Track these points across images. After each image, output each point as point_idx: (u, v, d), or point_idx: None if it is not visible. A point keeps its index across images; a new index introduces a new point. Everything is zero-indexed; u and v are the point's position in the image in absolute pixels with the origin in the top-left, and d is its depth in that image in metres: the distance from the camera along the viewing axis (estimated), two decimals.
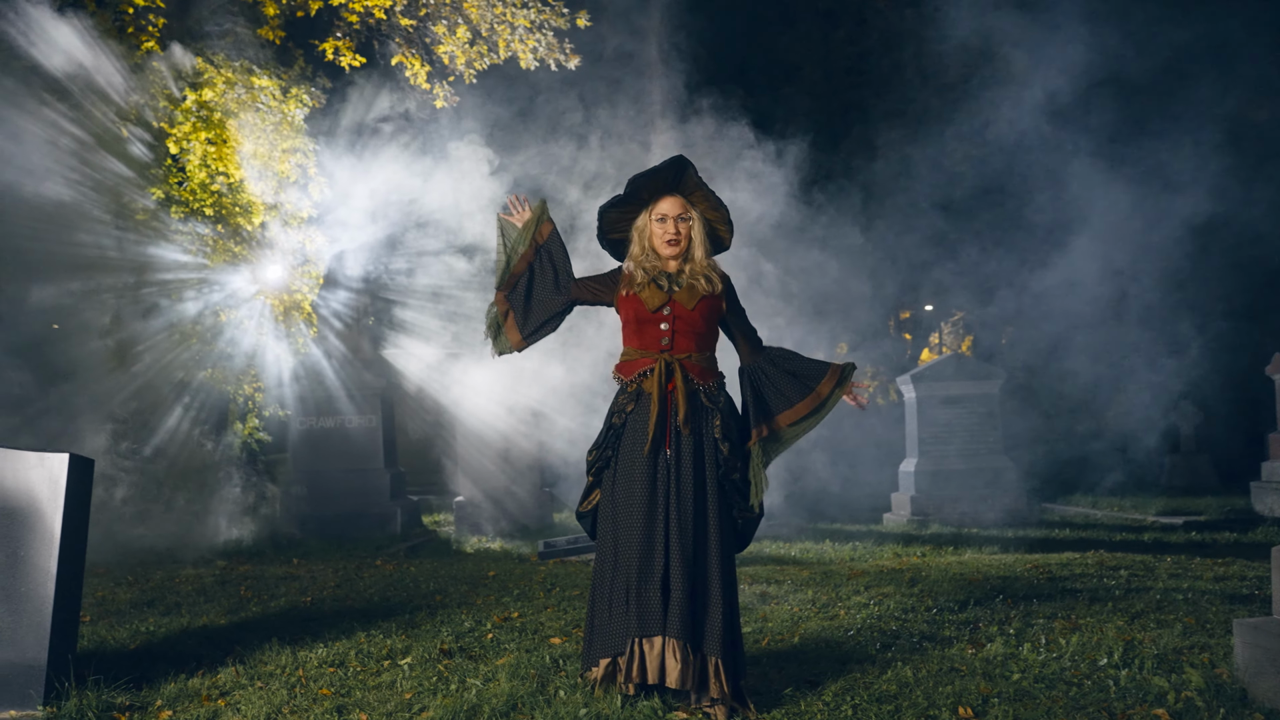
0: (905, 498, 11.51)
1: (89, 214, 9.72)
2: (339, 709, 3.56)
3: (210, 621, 5.32)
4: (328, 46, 11.68)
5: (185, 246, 10.39)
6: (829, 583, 6.71)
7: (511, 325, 3.93)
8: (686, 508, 3.61)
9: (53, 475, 3.52)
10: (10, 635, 3.42)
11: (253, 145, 10.92)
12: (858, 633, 5.03)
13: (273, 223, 11.20)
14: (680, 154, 3.79)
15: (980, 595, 6.08)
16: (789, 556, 8.85)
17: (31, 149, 9.28)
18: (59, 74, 9.39)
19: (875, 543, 9.44)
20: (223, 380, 10.39)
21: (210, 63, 10.80)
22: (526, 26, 12.46)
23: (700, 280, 3.78)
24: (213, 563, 7.83)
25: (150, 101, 10.47)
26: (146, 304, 10.12)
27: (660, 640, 3.52)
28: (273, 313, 11.04)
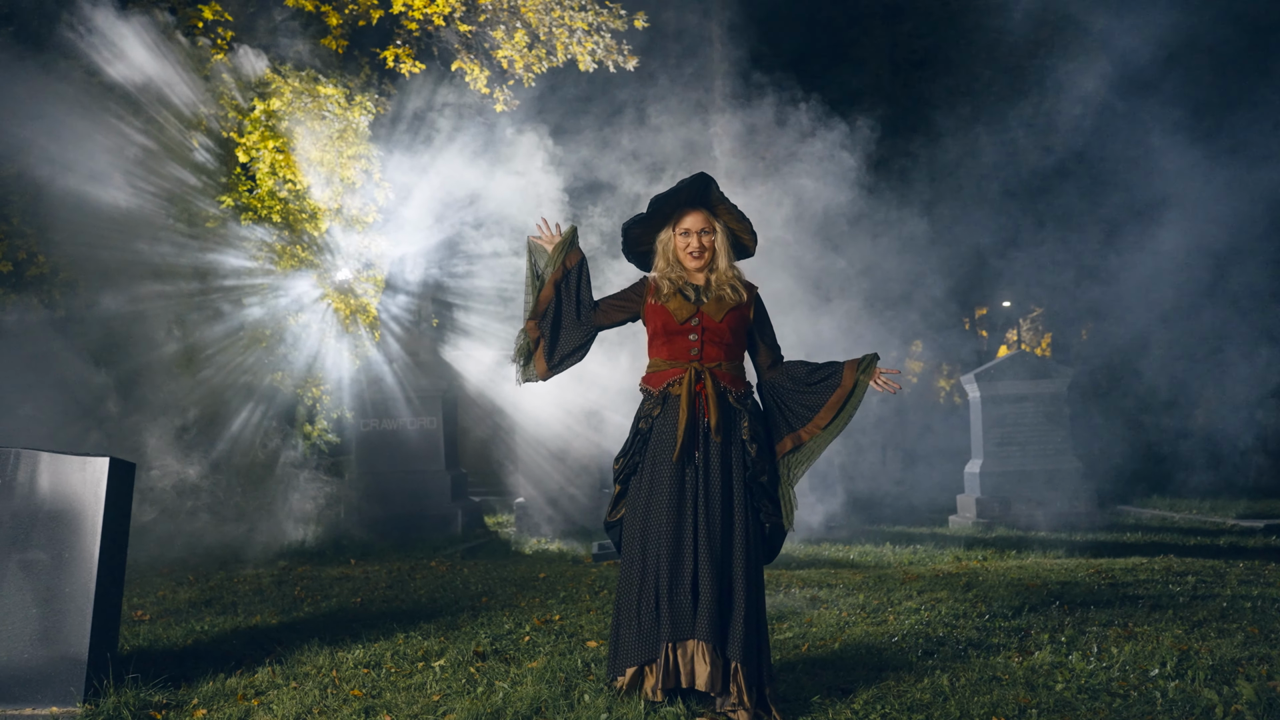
0: (970, 500, 11.26)
1: (157, 221, 10.04)
2: (367, 710, 3.61)
3: (262, 621, 5.45)
4: (388, 54, 11.88)
5: (252, 253, 10.67)
6: (882, 587, 6.59)
7: (540, 354, 3.90)
8: (715, 511, 3.59)
9: (95, 478, 3.64)
10: (54, 634, 3.54)
11: (319, 152, 11.16)
12: (902, 639, 4.92)
13: (337, 228, 11.44)
14: (703, 172, 3.77)
15: (1036, 601, 5.91)
16: (846, 560, 8.73)
17: (101, 157, 9.63)
18: (128, 85, 9.73)
19: (936, 546, 9.25)
20: (290, 384, 10.65)
21: (277, 72, 11.06)
22: (584, 29, 12.52)
23: (727, 290, 3.76)
24: (275, 563, 8.02)
25: (219, 111, 10.77)
26: (214, 309, 10.41)
27: (691, 644, 3.51)
28: (337, 317, 11.27)
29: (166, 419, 9.37)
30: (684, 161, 12.28)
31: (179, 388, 9.56)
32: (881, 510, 12.37)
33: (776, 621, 5.50)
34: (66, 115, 9.67)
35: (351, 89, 11.79)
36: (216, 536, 8.65)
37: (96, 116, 9.71)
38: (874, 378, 3.82)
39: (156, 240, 10.13)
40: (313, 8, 11.56)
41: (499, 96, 12.34)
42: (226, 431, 9.82)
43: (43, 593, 3.57)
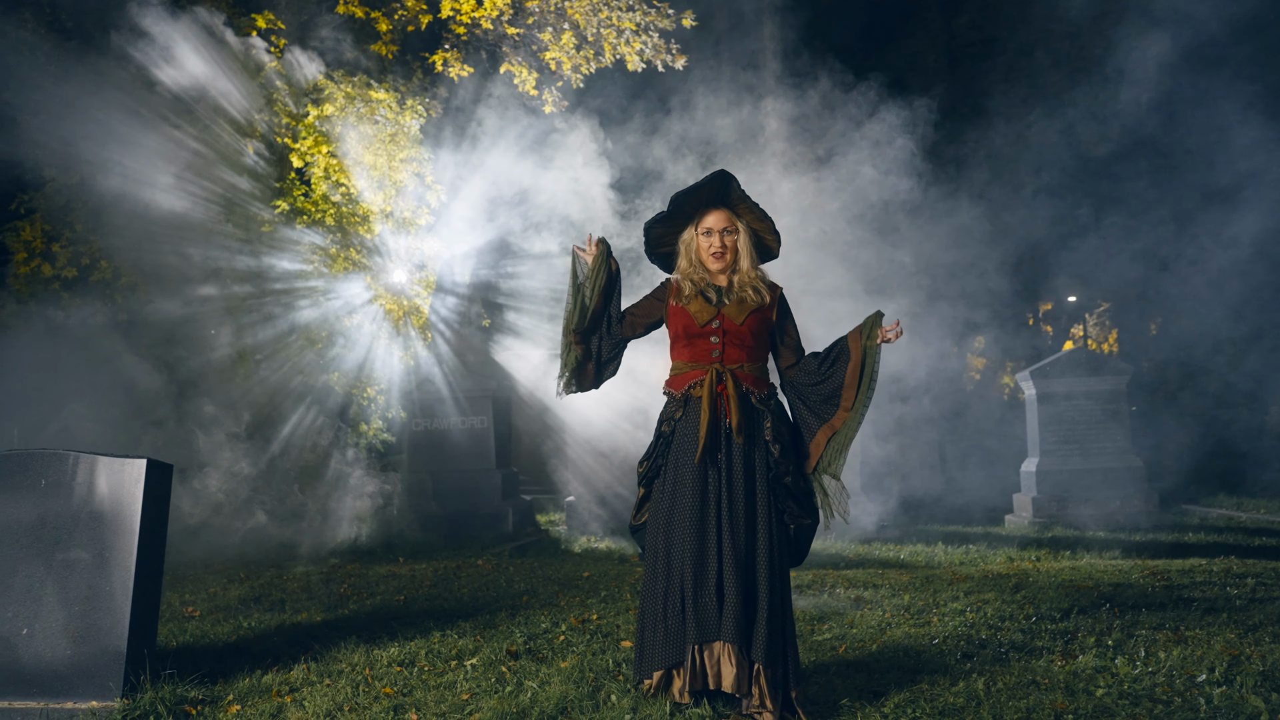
0: (1026, 499, 11.03)
1: (212, 226, 10.28)
2: (396, 708, 3.64)
3: (307, 618, 5.54)
4: (437, 59, 12.00)
5: (305, 256, 10.87)
6: (928, 588, 6.49)
7: (589, 368, 3.92)
8: (738, 513, 3.56)
9: (133, 479, 3.73)
10: (94, 631, 3.64)
11: (371, 156, 11.32)
12: (943, 641, 4.84)
13: (389, 231, 11.60)
14: (723, 169, 3.74)
15: (1086, 603, 5.76)
16: (896, 560, 8.61)
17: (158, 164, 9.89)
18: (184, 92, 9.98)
19: (989, 546, 9.07)
20: (345, 384, 10.83)
21: (330, 79, 11.25)
22: (632, 29, 12.53)
23: (749, 292, 3.72)
24: (326, 561, 8.16)
25: (273, 118, 10.99)
26: (268, 311, 10.63)
27: (718, 645, 3.48)
28: (389, 318, 11.43)
29: (222, 419, 9.59)
30: (736, 149, 12.14)
31: (234, 389, 9.78)
32: (936, 510, 12.17)
33: (817, 622, 5.44)
34: (124, 124, 9.96)
35: (403, 93, 11.94)
36: (270, 535, 8.83)
37: (153, 124, 9.98)
38: (880, 337, 3.73)
39: (212, 244, 10.37)
40: (362, 14, 11.73)
41: (547, 98, 12.40)
42: (281, 432, 10.02)
43: (84, 590, 3.67)
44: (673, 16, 12.49)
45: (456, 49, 12.13)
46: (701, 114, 11.99)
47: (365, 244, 11.42)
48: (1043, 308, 28.16)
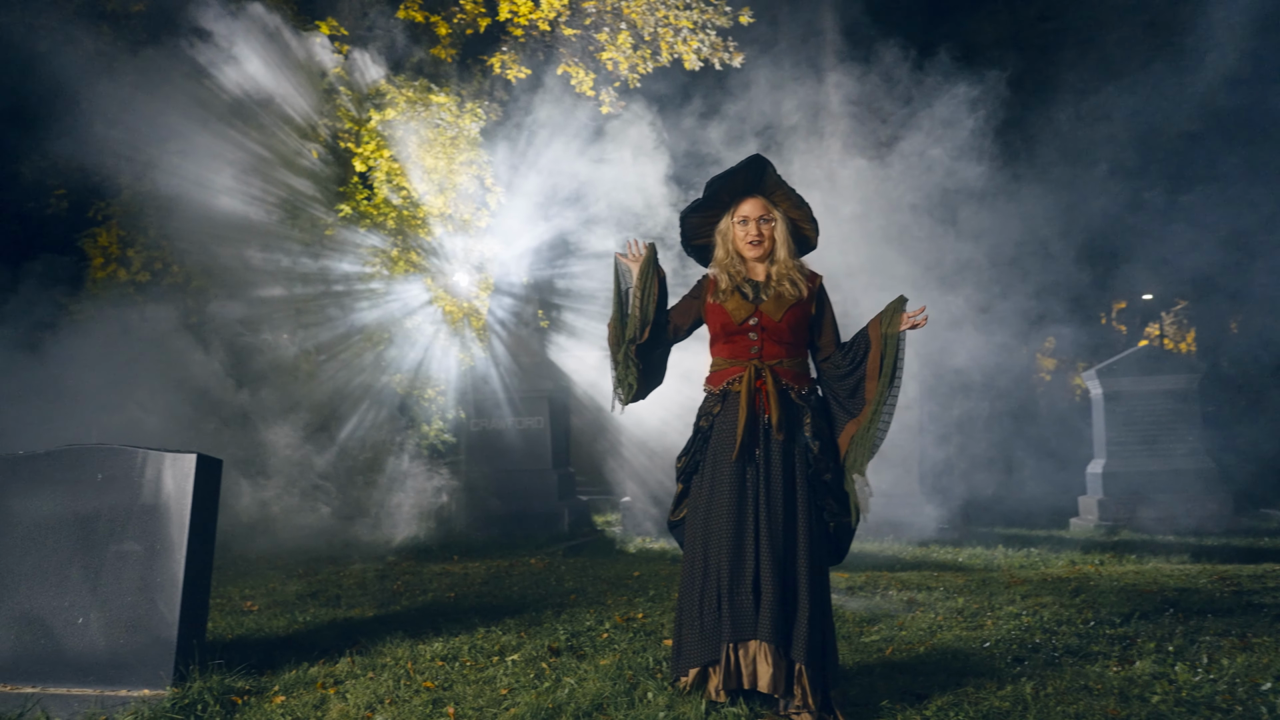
0: (1092, 501, 10.74)
1: (276, 230, 10.52)
2: (435, 701, 3.68)
3: (360, 614, 5.63)
4: (494, 61, 12.10)
5: (367, 259, 11.05)
6: (984, 591, 6.36)
7: (642, 380, 3.87)
8: (776, 509, 3.52)
9: (184, 474, 3.83)
10: (146, 621, 3.74)
11: (432, 160, 11.47)
12: (994, 645, 4.73)
13: (449, 233, 11.74)
14: (758, 154, 3.70)
15: (1148, 608, 5.59)
16: (953, 562, 8.45)
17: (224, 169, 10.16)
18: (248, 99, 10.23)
19: (1051, 549, 8.86)
20: (406, 385, 11.00)
21: (392, 83, 11.42)
22: (689, 28, 12.51)
23: (787, 286, 3.67)
24: (384, 558, 8.28)
25: (336, 123, 11.21)
26: (330, 313, 10.83)
27: (754, 644, 3.45)
28: (448, 320, 11.57)
29: (286, 418, 9.80)
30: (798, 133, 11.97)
31: (297, 388, 9.99)
32: (998, 513, 11.92)
33: (867, 624, 5.37)
34: (193, 131, 10.25)
35: (463, 96, 12.08)
36: (331, 532, 8.99)
37: (220, 130, 10.25)
38: (901, 324, 3.61)
39: (276, 247, 10.62)
40: (422, 19, 11.89)
41: (605, 98, 12.44)
42: (342, 431, 10.21)
43: (136, 582, 3.78)
44: (730, 14, 12.44)
45: (513, 51, 12.23)
46: (761, 99, 11.87)
47: (424, 246, 11.58)
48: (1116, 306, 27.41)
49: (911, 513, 10.03)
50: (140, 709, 3.50)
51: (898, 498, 10.08)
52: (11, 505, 3.88)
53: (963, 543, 9.55)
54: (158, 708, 3.49)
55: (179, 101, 10.29)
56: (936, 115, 10.81)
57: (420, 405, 10.80)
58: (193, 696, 3.57)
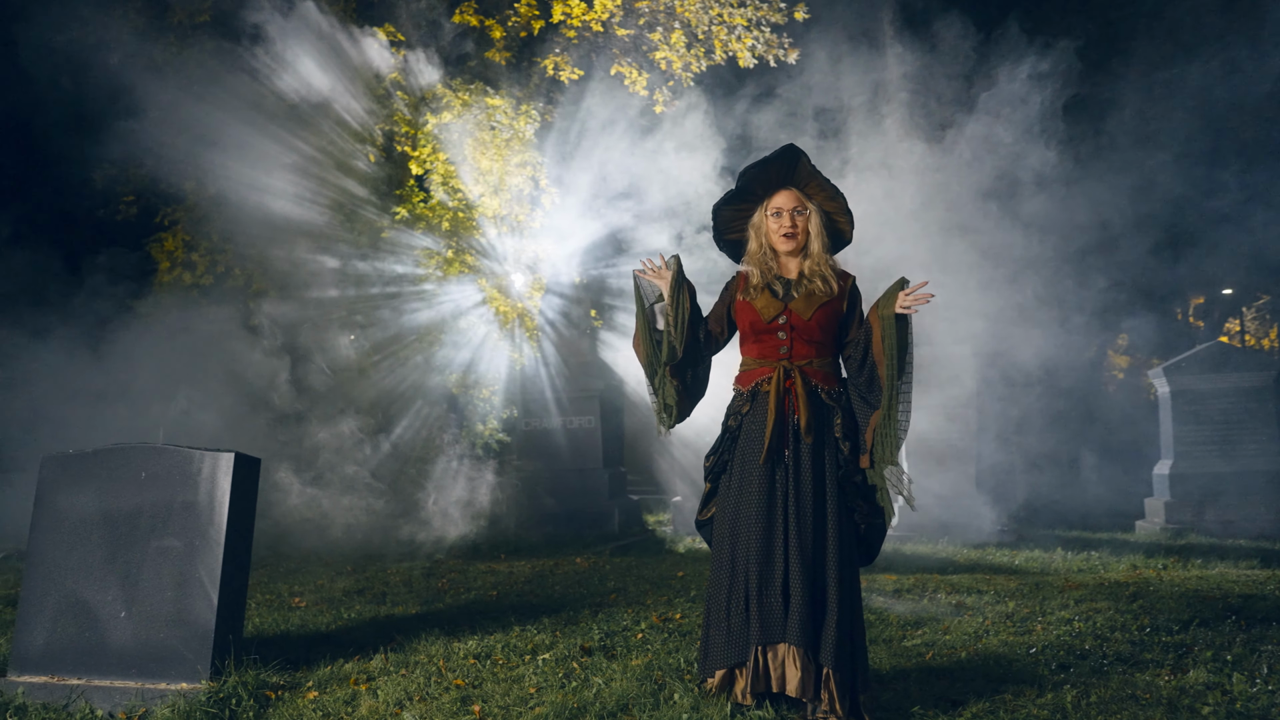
0: (1159, 504, 10.40)
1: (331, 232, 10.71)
2: (464, 699, 3.69)
3: (403, 611, 5.69)
4: (548, 63, 12.15)
5: (421, 260, 11.19)
6: (1036, 595, 6.20)
7: (684, 400, 3.80)
8: (806, 511, 3.46)
9: (222, 471, 3.90)
10: (185, 616, 3.82)
11: (488, 162, 11.57)
12: (1040, 651, 4.60)
13: (504, 234, 11.83)
14: (791, 144, 3.63)
15: (1209, 615, 5.40)
16: (1009, 565, 8.24)
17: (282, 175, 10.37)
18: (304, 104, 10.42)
19: (1113, 553, 8.59)
20: (458, 385, 11.10)
21: (448, 87, 11.55)
22: (744, 25, 12.43)
23: (818, 284, 3.60)
24: (433, 557, 8.36)
25: (392, 126, 11.37)
26: (384, 314, 10.99)
27: (782, 648, 3.40)
28: (500, 320, 11.65)
29: (339, 417, 9.96)
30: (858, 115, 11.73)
31: (352, 387, 10.16)
32: (1062, 514, 11.61)
33: (911, 628, 5.26)
34: (253, 138, 10.48)
35: (519, 98, 12.16)
36: (384, 530, 9.10)
37: (279, 137, 10.46)
38: (896, 304, 3.47)
39: (332, 250, 10.81)
40: (476, 22, 11.99)
41: (659, 97, 12.42)
42: (396, 430, 10.34)
43: (176, 577, 3.86)
44: (784, 10, 12.33)
45: (566, 52, 12.27)
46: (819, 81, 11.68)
47: (478, 247, 11.68)
48: (1194, 301, 26.54)
49: (968, 514, 9.82)
50: (177, 702, 3.57)
51: (953, 499, 9.88)
52: (59, 502, 3.99)
53: (1020, 545, 9.32)
54: (193, 701, 3.56)
55: (240, 108, 10.54)
56: (1001, 94, 10.52)
57: (473, 405, 10.89)
58: (227, 691, 3.63)
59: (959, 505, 9.84)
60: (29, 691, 3.74)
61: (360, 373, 10.41)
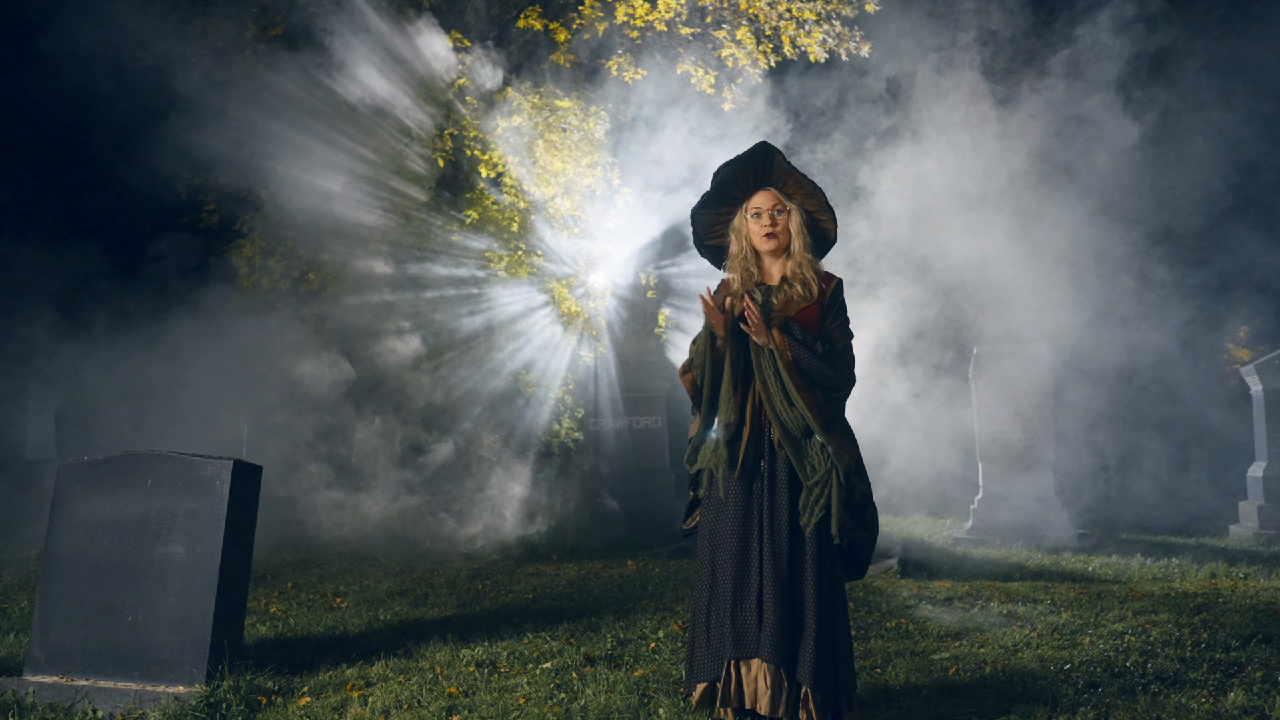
0: (1252, 508, 9.76)
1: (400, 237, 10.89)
2: (450, 709, 3.67)
3: (439, 613, 5.71)
4: (612, 64, 12.12)
5: (491, 263, 11.29)
6: (1094, 605, 5.89)
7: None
8: (781, 523, 3.33)
9: (221, 478, 3.97)
10: (186, 621, 3.89)
11: (559, 164, 11.61)
12: (1075, 667, 4.34)
13: (574, 236, 11.86)
14: (764, 141, 3.51)
15: (1276, 631, 5.03)
16: (1080, 572, 7.84)
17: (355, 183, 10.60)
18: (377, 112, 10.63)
19: (1194, 560, 8.10)
20: (523, 385, 11.18)
21: (518, 90, 11.63)
22: (813, 19, 12.18)
23: (798, 288, 3.45)
24: (488, 558, 8.40)
25: (462, 131, 11.51)
26: (450, 316, 11.13)
27: (756, 663, 3.27)
28: (568, 321, 11.68)
29: (406, 419, 10.12)
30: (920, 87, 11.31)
31: (418, 390, 10.31)
32: (1155, 518, 11.01)
33: (948, 639, 5.04)
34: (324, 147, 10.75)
35: (588, 100, 12.17)
36: (442, 532, 9.20)
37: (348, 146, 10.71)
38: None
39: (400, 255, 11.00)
40: (540, 26, 12.04)
41: (727, 95, 12.27)
42: (459, 430, 10.46)
43: (179, 582, 3.94)
44: (854, 2, 12.03)
45: (630, 53, 12.22)
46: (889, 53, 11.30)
47: (547, 249, 11.74)
48: None
49: (1045, 518, 9.40)
50: (170, 705, 3.64)
51: (1028, 502, 9.46)
52: (75, 508, 4.12)
53: (1098, 551, 8.86)
54: (185, 705, 3.62)
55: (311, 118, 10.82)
56: (1087, 57, 9.97)
57: (534, 405, 10.94)
58: (220, 695, 3.68)
59: (1035, 509, 9.42)
60: (39, 691, 3.86)
61: (428, 374, 10.57)
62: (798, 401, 3.33)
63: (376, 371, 10.36)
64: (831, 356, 3.40)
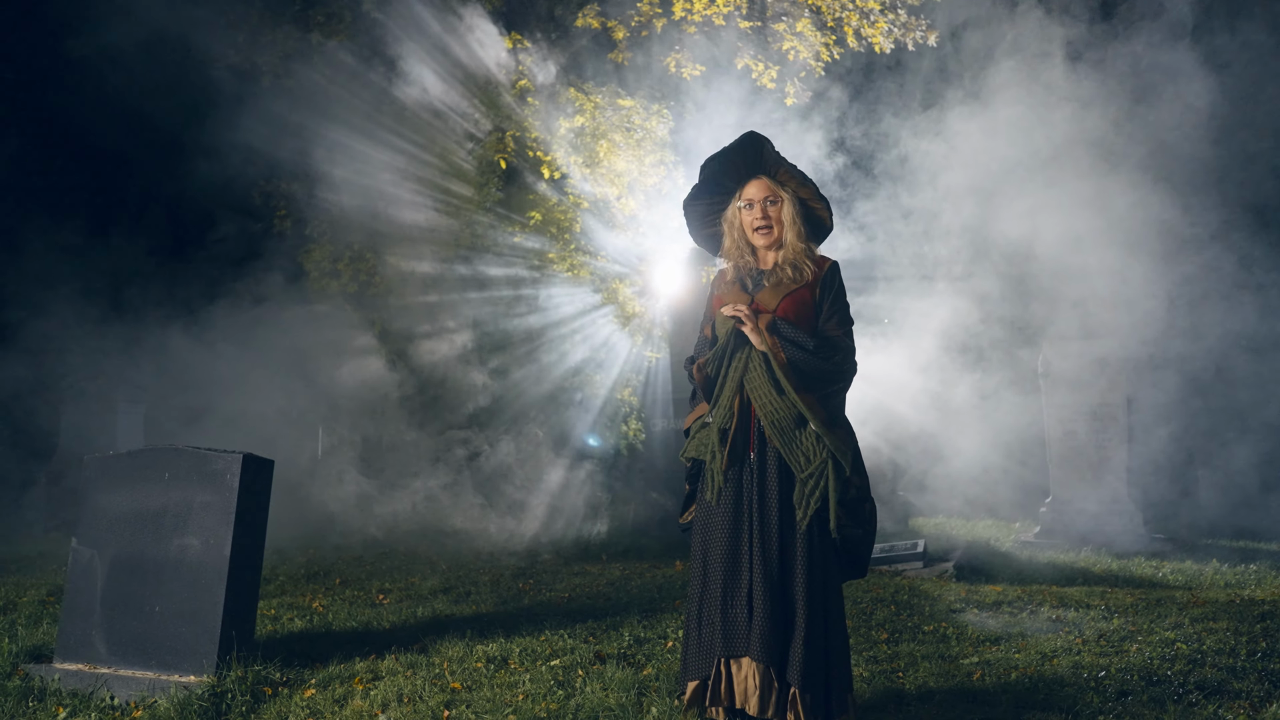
0: None
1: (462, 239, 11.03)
2: (448, 703, 3.66)
3: (474, 611, 5.73)
4: (670, 60, 12.06)
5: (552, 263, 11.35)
6: (1151, 612, 5.60)
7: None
8: (770, 518, 3.22)
9: (231, 472, 4.04)
10: (199, 612, 3.98)
11: (623, 164, 11.62)
12: (1110, 676, 4.13)
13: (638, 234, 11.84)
14: (752, 131, 3.41)
15: None
16: (1149, 578, 7.48)
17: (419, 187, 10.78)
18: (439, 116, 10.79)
19: (1275, 566, 7.66)
20: (580, 386, 11.20)
21: (581, 91, 11.68)
22: (877, 9, 11.93)
23: (788, 271, 3.35)
24: (539, 557, 8.42)
25: (524, 133, 11.60)
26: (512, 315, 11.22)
27: (746, 662, 3.18)
28: (629, 321, 11.66)
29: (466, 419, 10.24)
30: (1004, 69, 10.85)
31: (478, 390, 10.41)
32: (1241, 522, 10.41)
33: (986, 644, 4.85)
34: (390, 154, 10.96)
35: (649, 98, 12.15)
36: (495, 531, 9.26)
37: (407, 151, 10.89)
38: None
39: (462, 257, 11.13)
40: (598, 24, 12.06)
41: (789, 89, 12.11)
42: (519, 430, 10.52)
43: (193, 574, 4.02)
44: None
45: (687, 49, 12.14)
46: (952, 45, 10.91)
47: (609, 249, 11.75)
48: None
49: (1116, 522, 9.00)
50: (178, 694, 3.71)
51: (1099, 505, 9.08)
52: (100, 501, 4.24)
53: (1173, 556, 8.44)
54: (192, 694, 3.69)
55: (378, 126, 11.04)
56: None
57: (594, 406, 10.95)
58: (227, 685, 3.75)
59: (1106, 512, 9.03)
60: (64, 678, 3.99)
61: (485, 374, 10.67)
62: (789, 392, 3.23)
63: (439, 372, 10.50)
64: (825, 350, 3.28)
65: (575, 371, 11.22)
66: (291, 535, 8.83)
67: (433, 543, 8.91)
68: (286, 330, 10.29)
